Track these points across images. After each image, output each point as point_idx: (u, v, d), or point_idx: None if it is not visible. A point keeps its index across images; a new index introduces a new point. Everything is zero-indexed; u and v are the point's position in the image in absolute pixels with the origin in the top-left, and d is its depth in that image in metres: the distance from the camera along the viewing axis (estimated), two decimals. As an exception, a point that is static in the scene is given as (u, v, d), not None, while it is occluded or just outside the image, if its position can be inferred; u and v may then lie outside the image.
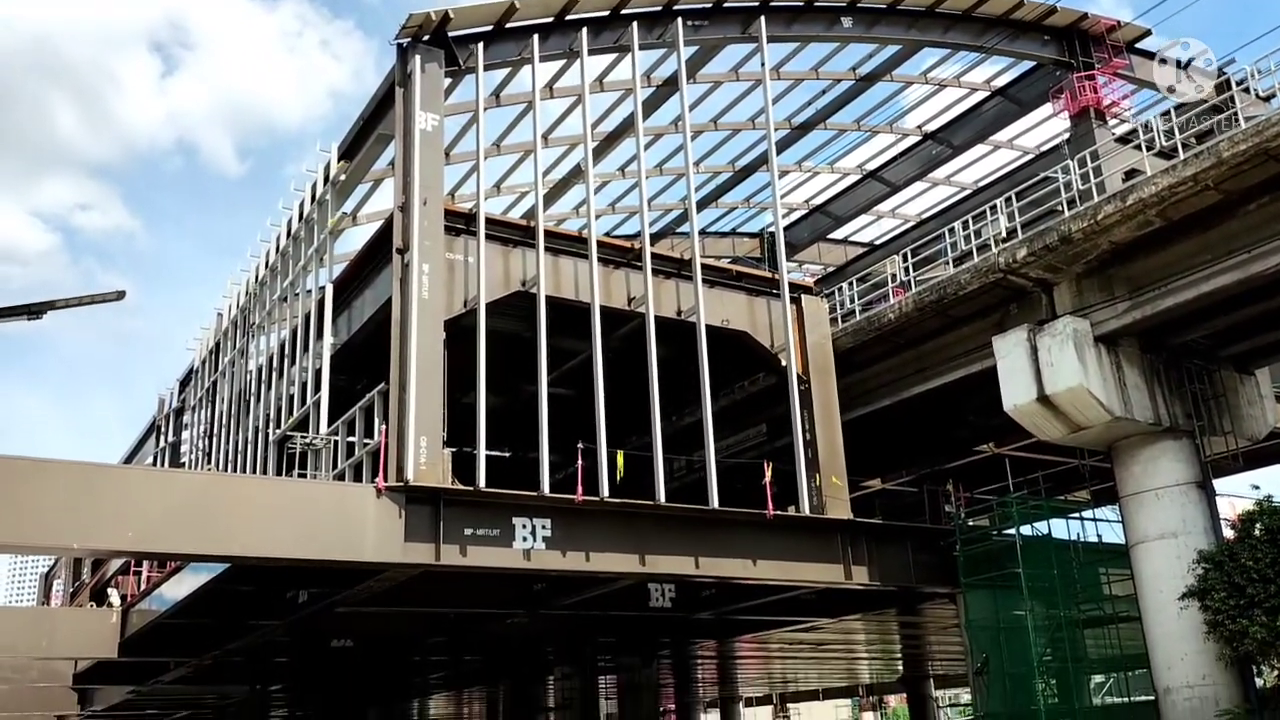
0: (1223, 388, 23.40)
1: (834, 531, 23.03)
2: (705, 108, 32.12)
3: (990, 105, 34.03)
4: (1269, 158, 17.84)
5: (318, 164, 23.38)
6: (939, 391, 25.60)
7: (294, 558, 17.56)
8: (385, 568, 18.64)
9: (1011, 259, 22.00)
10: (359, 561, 17.94)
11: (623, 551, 20.17)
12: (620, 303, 22.36)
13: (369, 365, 21.75)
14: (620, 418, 22.12)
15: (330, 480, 19.95)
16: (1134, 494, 21.97)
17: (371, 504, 17.64)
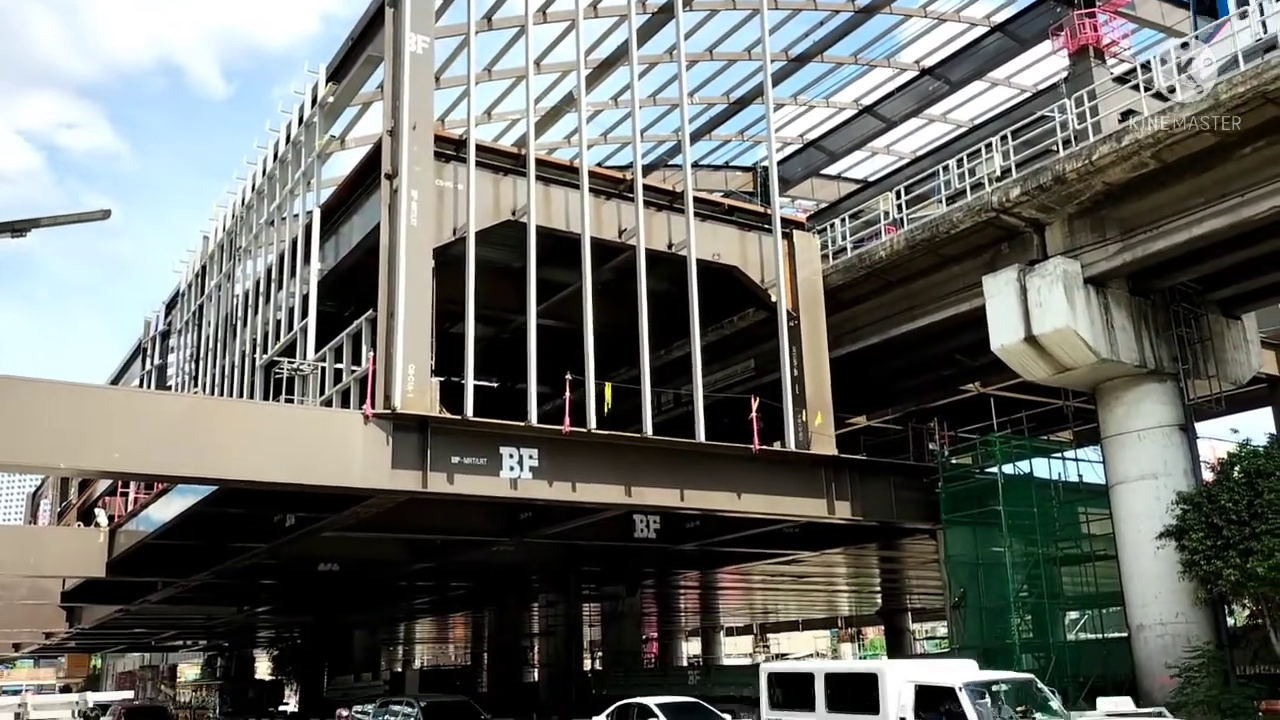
0: (1209, 331, 23.49)
1: (819, 467, 23.25)
2: (701, 36, 31.63)
3: (989, 41, 33.56)
4: (1266, 100, 17.69)
5: (305, 85, 22.99)
6: (927, 330, 25.66)
7: (281, 482, 17.67)
8: (372, 493, 18.77)
9: (1005, 198, 21.90)
10: (346, 487, 18.05)
11: (609, 483, 20.34)
12: (611, 234, 22.22)
13: (357, 292, 21.64)
14: (609, 350, 22.15)
15: (318, 406, 19.96)
16: (1116, 435, 22.19)
17: (359, 430, 17.69)
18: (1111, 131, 20.52)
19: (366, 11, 21.74)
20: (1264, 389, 29.56)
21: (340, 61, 22.85)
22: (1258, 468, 19.00)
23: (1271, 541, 17.75)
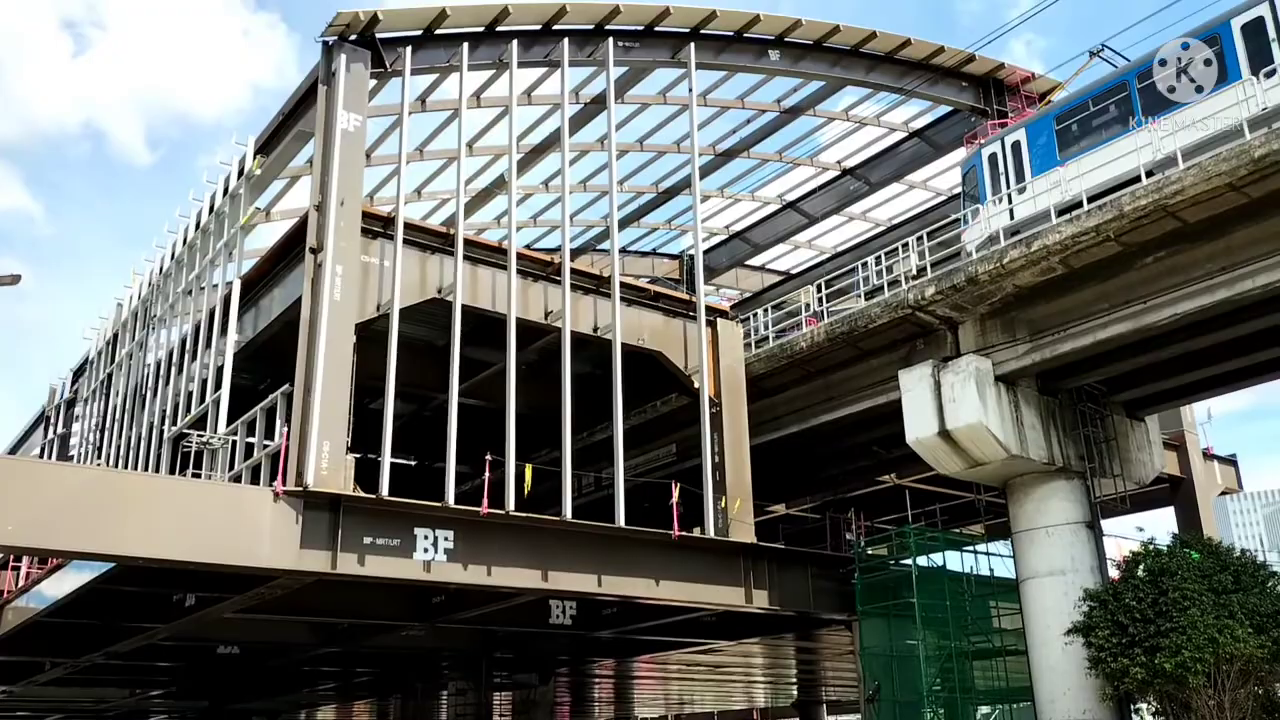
0: (1114, 432, 24.29)
1: (737, 554, 23.23)
2: (632, 128, 32.27)
3: (908, 146, 34.91)
4: (1166, 213, 18.64)
5: (233, 157, 22.83)
6: (846, 421, 26.08)
7: (183, 560, 17.02)
8: (279, 574, 18.18)
9: (920, 296, 22.56)
10: (251, 567, 17.45)
11: (526, 566, 20.02)
12: (537, 316, 22.28)
13: (274, 365, 21.27)
14: (530, 431, 22.04)
15: (226, 482, 19.39)
16: (1026, 530, 22.65)
17: (268, 508, 17.20)
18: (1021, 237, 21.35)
19: (299, 88, 21.81)
20: (1166, 489, 30.57)
21: (270, 135, 22.80)
22: (1161, 566, 19.53)
23: (1176, 639, 18.16)
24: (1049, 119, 23.82)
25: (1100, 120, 22.47)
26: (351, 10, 20.69)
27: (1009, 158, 24.26)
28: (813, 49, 28.44)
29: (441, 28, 22.49)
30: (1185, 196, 18.13)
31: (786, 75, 29.24)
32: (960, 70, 30.54)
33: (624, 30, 25.30)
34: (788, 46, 28.01)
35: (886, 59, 29.56)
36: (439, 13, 22.10)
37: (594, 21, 24.75)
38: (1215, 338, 21.28)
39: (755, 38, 27.46)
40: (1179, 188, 18.14)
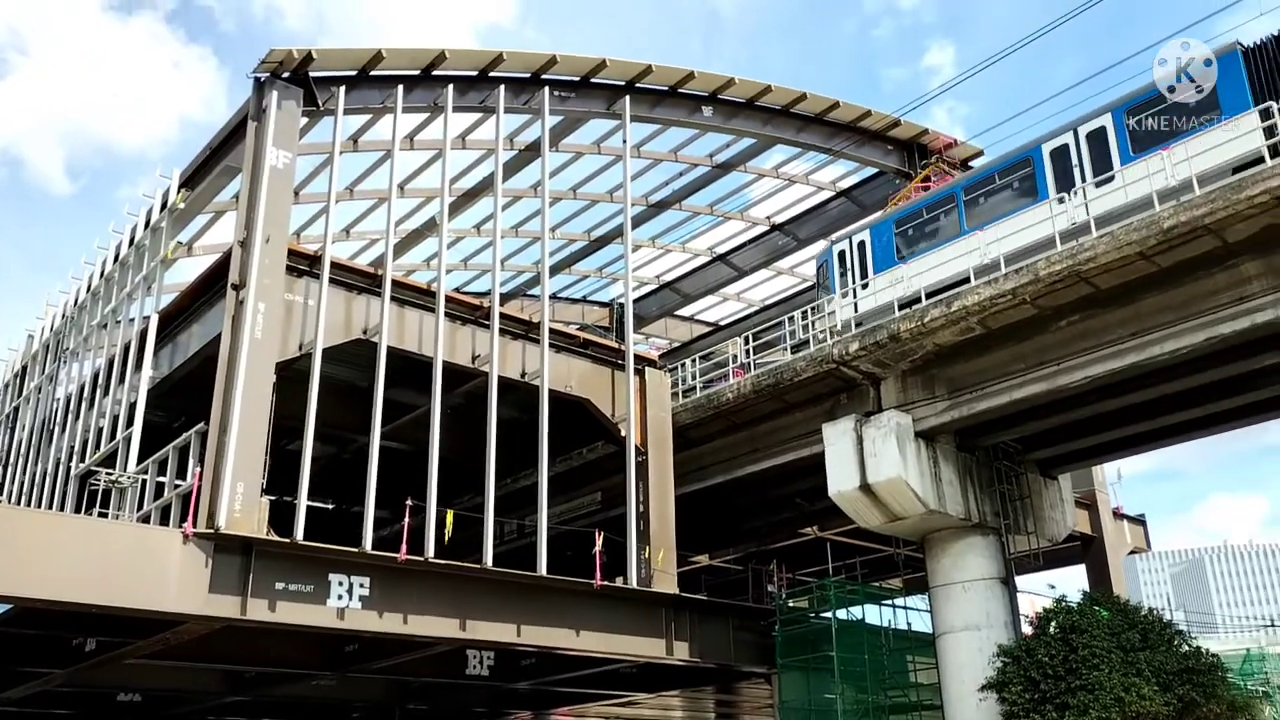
0: (1028, 490, 24.85)
1: (660, 605, 23.10)
2: (565, 176, 32.45)
3: (835, 204, 35.65)
4: (1080, 279, 19.29)
5: (156, 189, 22.41)
6: (770, 473, 26.27)
7: (85, 602, 16.32)
8: (185, 619, 17.55)
9: (845, 351, 22.94)
10: (157, 611, 16.85)
11: (444, 615, 19.65)
12: (464, 359, 22.12)
13: (190, 403, 20.75)
14: (453, 476, 21.76)
15: (134, 522, 18.75)
16: (943, 585, 22.96)
17: (176, 550, 16.66)
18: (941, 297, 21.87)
19: (229, 122, 21.55)
20: (1078, 547, 31.27)
21: (196, 168, 22.45)
22: (1073, 623, 19.92)
23: (1084, 698, 18.48)
24: (890, 223, 26.15)
25: (932, 227, 24.92)
26: (286, 48, 20.59)
27: (855, 255, 26.34)
28: (745, 107, 29.04)
29: (377, 69, 22.49)
30: (1098, 263, 18.80)
31: (719, 131, 29.80)
32: (886, 134, 31.42)
33: (560, 80, 25.57)
34: (721, 103, 28.57)
35: (816, 120, 30.29)
36: (374, 54, 22.10)
37: (530, 70, 24.98)
38: (1125, 400, 21.98)
39: (689, 94, 27.96)
40: (1092, 254, 18.81)
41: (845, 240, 27.02)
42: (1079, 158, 22.07)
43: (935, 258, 23.87)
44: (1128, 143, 21.14)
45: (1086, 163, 21.87)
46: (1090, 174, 21.64)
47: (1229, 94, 19.64)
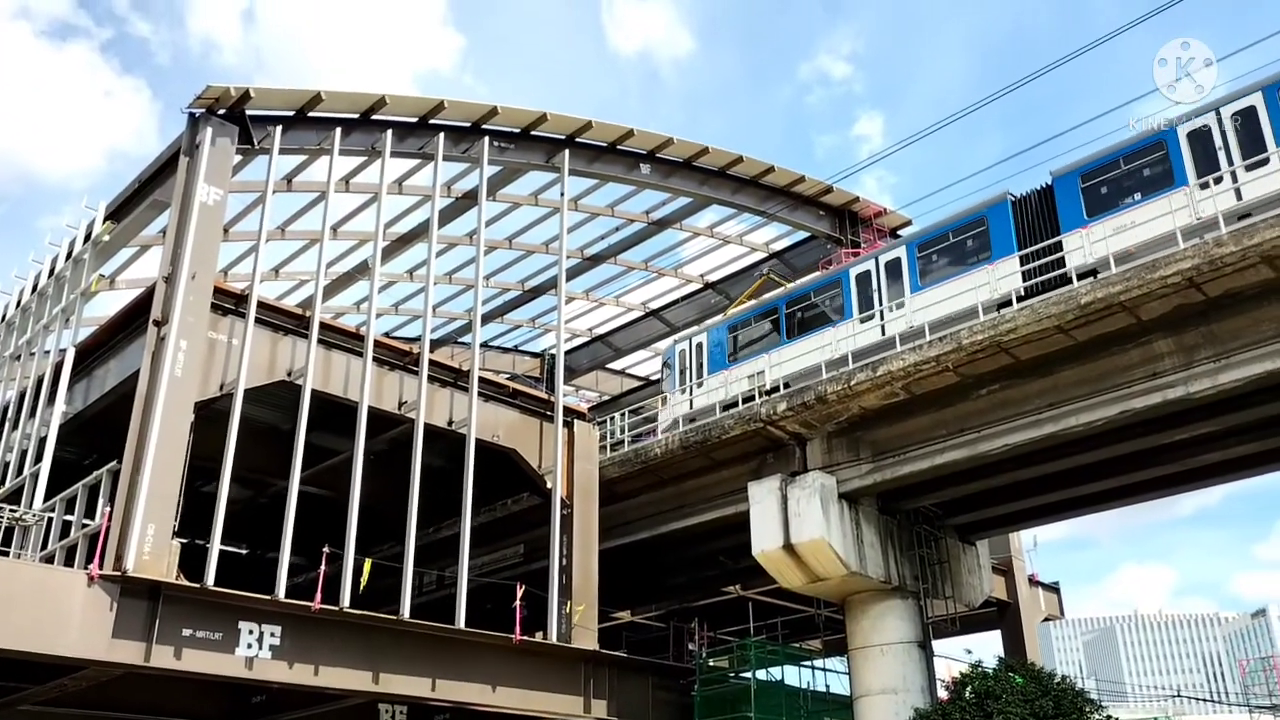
0: (947, 554, 25.20)
1: (579, 662, 22.81)
2: (502, 225, 32.50)
3: (767, 266, 36.21)
4: (1001, 349, 19.82)
5: (80, 220, 21.91)
6: (695, 530, 26.27)
7: (-23, 646, 15.60)
8: (85, 664, 16.88)
9: (773, 410, 23.17)
10: (56, 655, 16.15)
11: (356, 667, 19.16)
12: (391, 405, 21.85)
13: (103, 440, 20.12)
14: (373, 523, 21.36)
15: (36, 562, 18.02)
16: (862, 648, 23.08)
17: (80, 592, 16.05)
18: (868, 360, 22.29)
19: (160, 156, 21.24)
20: (994, 612, 31.68)
21: (124, 201, 22.03)
22: (987, 689, 20.13)
23: (998, 762, 18.64)
24: (724, 328, 28.64)
25: (757, 335, 27.35)
26: (223, 85, 20.44)
27: (693, 356, 28.73)
28: (682, 166, 29.51)
29: (315, 110, 22.41)
30: (1017, 335, 19.35)
31: (656, 189, 30.19)
32: (819, 200, 32.13)
33: (500, 131, 25.74)
34: (659, 162, 29.00)
35: (751, 182, 30.88)
36: (313, 96, 22.04)
37: (471, 120, 25.11)
38: (1042, 469, 22.51)
39: (628, 150, 28.33)
40: (1013, 326, 19.36)
41: (686, 340, 29.28)
42: (878, 281, 24.69)
43: (760, 364, 26.25)
44: (918, 274, 23.91)
45: (883, 284, 24.52)
46: (888, 297, 24.33)
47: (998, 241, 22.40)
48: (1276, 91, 19.17)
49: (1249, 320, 17.86)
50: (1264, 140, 19.10)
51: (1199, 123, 20.17)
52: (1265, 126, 19.12)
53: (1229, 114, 19.80)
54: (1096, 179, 21.40)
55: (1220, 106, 20.01)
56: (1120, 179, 21.02)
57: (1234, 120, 19.70)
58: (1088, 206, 21.20)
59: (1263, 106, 19.30)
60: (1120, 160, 21.17)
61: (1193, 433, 20.77)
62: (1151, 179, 20.51)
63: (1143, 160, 20.80)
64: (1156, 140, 20.66)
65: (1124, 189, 20.89)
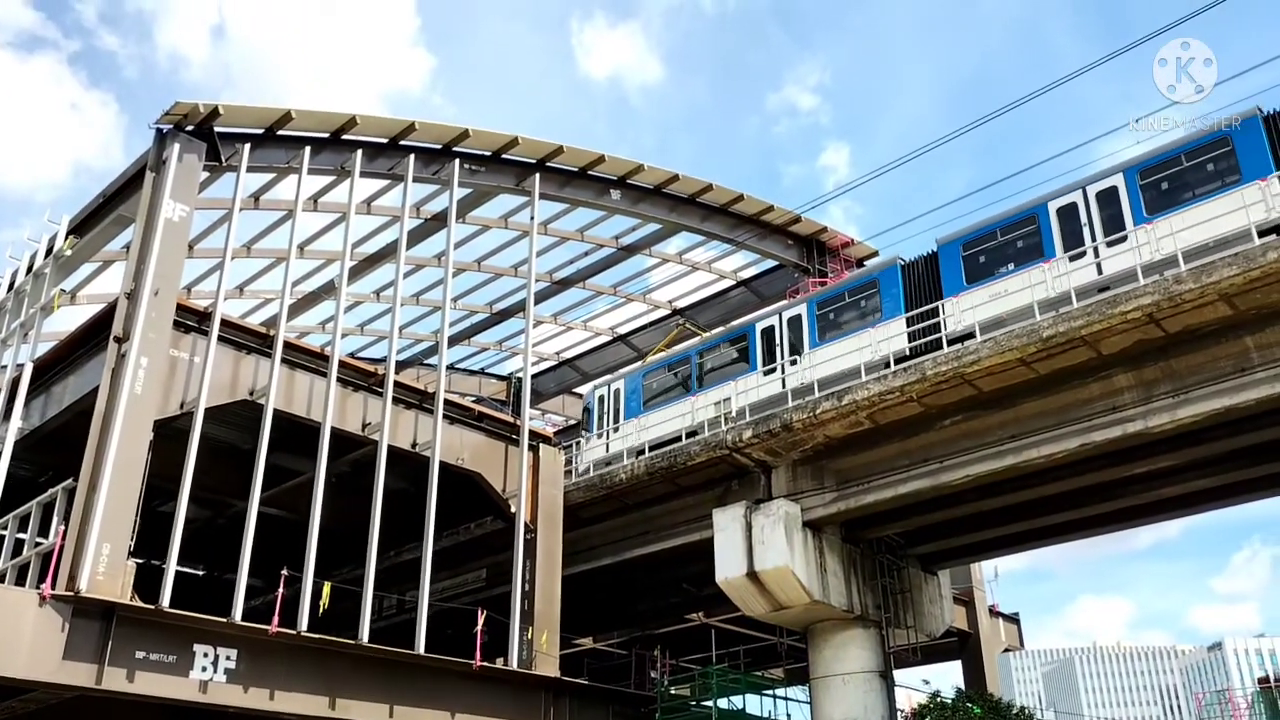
0: (910, 584, 25.29)
1: (539, 689, 22.59)
2: (471, 248, 32.41)
3: (735, 293, 36.41)
4: (964, 381, 20.01)
5: (43, 234, 21.60)
6: (659, 556, 26.20)
7: (-80, 666, 15.22)
8: (35, 686, 16.47)
9: (738, 438, 23.21)
10: (3, 676, 15.75)
11: (313, 693, 18.87)
12: (354, 427, 21.66)
13: (60, 457, 19.80)
14: (333, 546, 21.10)
15: (-14, 581, 17.62)
16: (823, 677, 23.07)
17: (31, 612, 15.71)
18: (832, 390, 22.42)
19: (125, 171, 21.05)
20: (955, 642, 31.83)
21: (88, 215, 21.79)
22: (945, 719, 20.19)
23: (956, 792, 18.68)
24: (639, 376, 29.83)
25: (670, 383, 28.53)
26: (191, 101, 20.32)
27: (611, 401, 29.78)
28: (652, 193, 29.64)
29: (284, 129, 22.31)
30: (981, 367, 19.55)
31: (626, 214, 30.28)
32: (787, 229, 32.37)
33: (471, 154, 25.75)
34: (629, 188, 29.10)
35: (720, 210, 31.06)
36: (283, 114, 21.94)
37: (442, 142, 25.10)
38: (1004, 500, 22.70)
39: (598, 176, 28.42)
40: (976, 358, 19.56)
41: (605, 386, 30.40)
42: (780, 335, 25.91)
43: (670, 411, 27.30)
44: (816, 330, 25.08)
45: (785, 339, 25.68)
46: (788, 351, 25.37)
47: (888, 303, 23.65)
48: (1135, 174, 20.53)
49: (1207, 356, 18.17)
50: (1123, 219, 20.32)
51: (1067, 199, 21.39)
52: (1124, 206, 20.44)
53: (1094, 193, 21.05)
54: (976, 248, 22.65)
55: (1086, 185, 21.26)
56: (998, 249, 22.31)
57: (1098, 199, 20.94)
58: (968, 274, 22.40)
59: (1123, 186, 20.61)
60: (998, 231, 22.41)
61: (1152, 466, 21.06)
62: (1025, 250, 21.76)
63: (1017, 232, 22.03)
64: (1030, 214, 21.95)
65: (1001, 258, 22.13)
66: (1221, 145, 19.60)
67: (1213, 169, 19.61)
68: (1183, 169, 20.04)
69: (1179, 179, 20.03)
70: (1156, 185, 20.26)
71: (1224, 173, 19.34)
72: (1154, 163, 20.49)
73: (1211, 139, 19.77)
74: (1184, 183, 19.96)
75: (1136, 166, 20.64)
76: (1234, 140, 19.42)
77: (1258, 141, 19.08)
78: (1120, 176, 20.70)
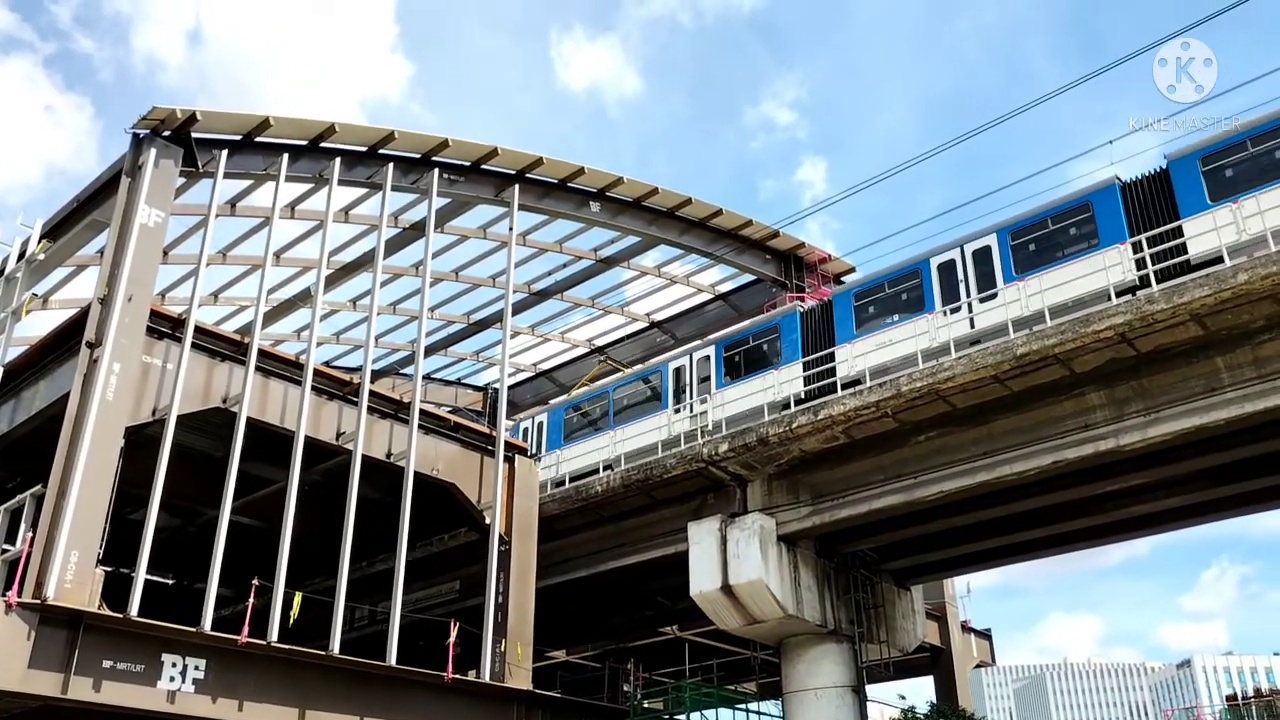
0: (883, 599, 25.37)
1: (511, 701, 22.48)
2: (449, 257, 32.33)
3: (712, 307, 36.50)
4: (938, 397, 20.13)
5: (14, 238, 21.43)
6: (634, 569, 26.16)
7: (-119, 675, 14.97)
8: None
9: (714, 451, 23.23)
10: (-35, 686, 15.54)
11: (282, 704, 18.68)
12: (329, 436, 21.52)
13: (28, 463, 19.55)
14: (305, 556, 20.94)
15: (-51, 588, 17.35)
16: (797, 691, 23.08)
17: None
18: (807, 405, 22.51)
19: (100, 175, 20.89)
20: (927, 658, 31.92)
21: (62, 220, 21.60)
22: (918, 733, 20.24)
23: (926, 808, 18.71)
24: (562, 410, 31.30)
25: (590, 418, 29.81)
26: (169, 106, 20.20)
27: (535, 433, 31.26)
28: (631, 206, 29.70)
29: (262, 136, 22.23)
30: (955, 383, 19.68)
31: (605, 227, 30.31)
32: (765, 244, 32.51)
33: (450, 164, 25.72)
34: (608, 200, 29.15)
35: (699, 224, 31.17)
36: (261, 121, 21.86)
37: (421, 151, 25.07)
38: (976, 517, 22.84)
39: (578, 188, 28.46)
40: (950, 374, 19.69)
41: (529, 419, 31.74)
42: (691, 374, 27.41)
43: (588, 445, 28.42)
44: (722, 370, 26.71)
45: (695, 377, 27.17)
46: (698, 390, 26.82)
47: (787, 348, 25.09)
48: (1007, 235, 22.06)
49: (1178, 376, 18.37)
50: (994, 277, 21.81)
51: (946, 256, 22.94)
52: (996, 264, 21.95)
53: (970, 251, 22.52)
54: (867, 298, 24.26)
55: (964, 244, 22.73)
56: (886, 300, 23.91)
57: (974, 257, 22.41)
58: (858, 322, 23.99)
59: (996, 246, 22.12)
60: (885, 284, 24.08)
61: (1123, 484, 21.27)
62: (909, 303, 23.31)
63: (903, 286, 23.63)
64: (914, 269, 23.53)
65: (888, 309, 23.77)
66: (1083, 211, 20.99)
67: (1075, 233, 21.01)
68: (1049, 231, 21.47)
69: (1046, 241, 21.47)
70: (1025, 246, 21.72)
71: (1086, 236, 20.73)
72: (1023, 225, 21.95)
73: (1075, 205, 21.19)
74: (1051, 244, 21.35)
75: (1008, 228, 22.13)
76: (1094, 206, 20.78)
77: (1114, 209, 20.41)
78: (994, 237, 22.23)
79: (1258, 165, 18.99)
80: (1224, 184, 19.25)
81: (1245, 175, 19.08)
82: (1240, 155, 19.39)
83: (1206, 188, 19.38)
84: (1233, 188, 19.04)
